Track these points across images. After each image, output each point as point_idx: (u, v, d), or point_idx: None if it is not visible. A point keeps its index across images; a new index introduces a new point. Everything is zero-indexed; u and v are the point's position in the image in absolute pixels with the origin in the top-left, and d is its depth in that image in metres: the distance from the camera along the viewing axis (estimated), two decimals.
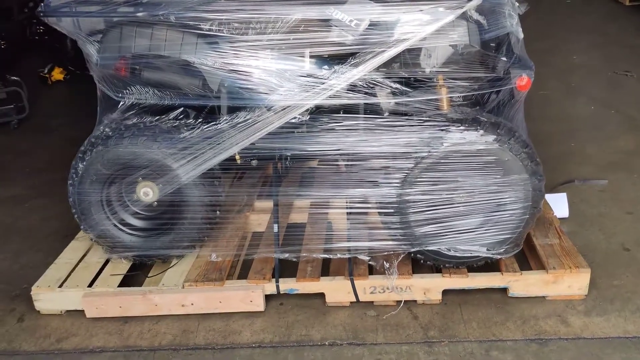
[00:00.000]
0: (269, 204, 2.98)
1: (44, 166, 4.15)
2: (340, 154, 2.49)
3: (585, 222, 3.04)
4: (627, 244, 2.86)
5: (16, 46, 6.11)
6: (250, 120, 2.43)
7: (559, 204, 3.00)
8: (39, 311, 2.63)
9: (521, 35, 2.52)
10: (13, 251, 3.18)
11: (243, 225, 2.94)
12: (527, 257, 2.68)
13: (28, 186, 3.89)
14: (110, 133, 2.51)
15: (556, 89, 4.56)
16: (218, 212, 2.65)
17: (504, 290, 2.53)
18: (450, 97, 2.46)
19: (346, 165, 2.55)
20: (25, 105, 4.81)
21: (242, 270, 2.72)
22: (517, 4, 2.49)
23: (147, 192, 2.59)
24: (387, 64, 2.40)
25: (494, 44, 2.55)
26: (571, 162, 3.61)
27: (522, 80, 2.42)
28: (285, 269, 2.63)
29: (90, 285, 2.62)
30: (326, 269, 2.64)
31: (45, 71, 5.90)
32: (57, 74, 5.94)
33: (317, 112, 2.51)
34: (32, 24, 6.14)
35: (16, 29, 6.04)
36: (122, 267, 2.73)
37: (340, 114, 2.50)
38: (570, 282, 2.47)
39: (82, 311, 2.58)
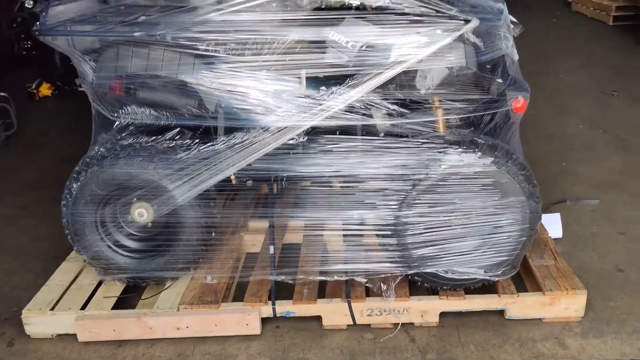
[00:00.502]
0: (262, 224, 2.97)
1: (33, 184, 4.10)
2: (337, 176, 2.48)
3: (578, 243, 3.06)
4: (621, 265, 2.87)
5: (4, 62, 6.06)
6: (247, 141, 2.42)
7: (552, 225, 3.01)
8: (29, 335, 2.58)
9: (516, 57, 2.55)
10: (3, 272, 3.12)
11: (237, 246, 2.91)
12: (522, 278, 2.68)
13: (17, 205, 3.83)
14: (105, 153, 2.48)
15: (545, 108, 4.61)
16: (213, 233, 2.63)
17: (501, 312, 2.53)
18: (447, 118, 2.48)
19: (342, 186, 2.54)
20: (14, 122, 4.76)
21: (237, 292, 2.69)
22: (512, 26, 2.52)
23: (142, 213, 2.55)
24: (383, 85, 2.40)
25: (489, 66, 2.58)
26: (563, 181, 3.63)
27: (518, 102, 2.44)
28: (281, 290, 2.61)
29: (83, 307, 2.57)
30: (322, 290, 2.62)
31: (33, 87, 5.85)
32: (45, 90, 5.90)
33: (313, 133, 2.51)
34: (20, 40, 6.09)
35: (4, 44, 5.99)
36: (115, 289, 2.69)
37: (336, 135, 2.51)
38: (566, 304, 2.47)
39: (74, 335, 2.53)
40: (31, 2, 5.88)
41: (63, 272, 2.83)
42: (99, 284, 2.73)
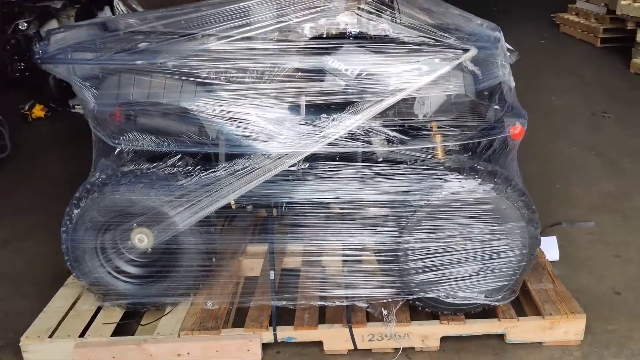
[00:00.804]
0: (261, 248, 2.97)
1: (26, 207, 4.08)
2: (337, 202, 2.50)
3: (575, 266, 3.08)
4: (618, 288, 2.90)
5: None
6: (248, 168, 2.44)
7: (549, 247, 3.04)
8: None
9: (513, 84, 2.60)
10: None
11: (236, 271, 2.91)
12: (521, 302, 2.69)
13: (11, 228, 3.81)
14: (106, 180, 2.48)
15: (537, 130, 4.65)
16: (214, 258, 2.63)
17: (501, 336, 2.54)
18: (445, 145, 2.51)
19: (342, 212, 2.56)
20: (7, 144, 4.73)
21: (237, 317, 2.68)
22: (508, 54, 2.56)
23: (142, 239, 2.55)
24: (383, 112, 2.43)
25: (487, 93, 2.62)
26: (558, 204, 3.67)
27: (516, 129, 2.48)
28: (281, 315, 2.61)
29: (82, 334, 2.56)
30: (322, 314, 2.62)
31: (26, 108, 5.85)
32: (38, 111, 5.90)
33: (313, 159, 2.52)
34: (14, 61, 6.09)
35: None
36: (114, 314, 2.67)
37: (336, 161, 2.53)
38: (566, 328, 2.49)
39: None
40: (25, 25, 5.89)
41: (61, 298, 2.81)
42: (98, 309, 2.71)
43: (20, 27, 5.84)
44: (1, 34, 5.88)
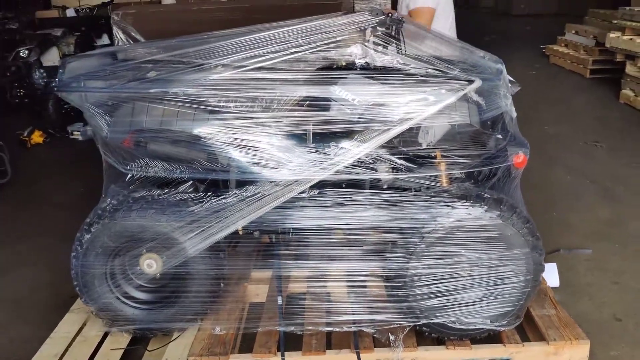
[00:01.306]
0: (265, 274, 3.00)
1: (27, 232, 4.09)
2: (346, 228, 2.54)
3: (575, 292, 3.14)
4: (618, 314, 2.95)
5: None
6: (258, 194, 2.48)
7: (549, 274, 3.09)
8: None
9: (515, 115, 2.68)
10: (0, 323, 3.08)
11: (242, 297, 2.93)
12: (524, 328, 2.73)
13: (11, 253, 3.81)
14: (118, 205, 2.51)
15: (532, 159, 4.73)
16: (222, 284, 2.66)
17: None
18: (450, 173, 2.58)
19: (348, 237, 2.60)
20: (8, 169, 4.76)
21: (243, 342, 2.69)
22: (510, 85, 2.65)
23: (151, 264, 2.57)
24: (388, 140, 2.49)
25: (490, 123, 2.69)
26: (555, 231, 3.73)
27: (519, 158, 2.55)
28: (289, 341, 2.62)
29: None
30: (329, 339, 2.64)
31: (25, 134, 5.89)
32: (37, 137, 5.94)
33: (320, 186, 2.57)
34: (13, 87, 6.15)
35: None
36: (122, 340, 2.68)
37: (342, 187, 2.58)
38: (570, 354, 2.53)
39: None
40: (26, 52, 5.97)
41: (67, 323, 2.81)
42: (105, 335, 2.72)
43: (21, 54, 5.93)
44: (2, 60, 5.94)
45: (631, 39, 6.24)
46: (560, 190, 4.40)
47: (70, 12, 7.82)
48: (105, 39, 7.13)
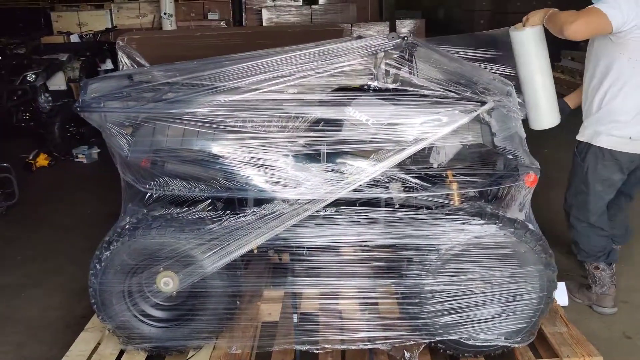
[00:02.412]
0: (278, 293, 3.02)
1: (36, 254, 4.11)
2: (360, 245, 2.59)
3: (584, 311, 3.18)
4: (628, 332, 2.99)
5: (2, 132, 6.16)
6: (276, 213, 2.52)
7: (559, 293, 3.10)
8: None
9: (524, 135, 2.75)
10: (14, 343, 3.09)
11: (255, 316, 2.95)
12: (536, 345, 2.76)
13: (22, 275, 3.82)
14: (137, 223, 2.55)
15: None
16: (238, 302, 2.68)
17: None
18: (465, 191, 2.63)
19: (363, 255, 2.65)
20: (15, 191, 4.78)
21: None
22: (519, 107, 2.72)
23: (168, 282, 2.60)
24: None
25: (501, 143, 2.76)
26: (560, 251, 3.77)
27: (530, 177, 2.61)
28: (304, 359, 2.64)
29: None
30: (343, 356, 2.66)
31: (30, 157, 5.93)
32: (42, 160, 5.98)
33: (335, 204, 2.62)
34: (19, 111, 6.21)
35: (3, 115, 6.09)
36: (137, 358, 2.69)
37: (356, 205, 2.63)
38: None
39: None
40: (33, 76, 6.04)
41: (83, 342, 2.82)
42: (121, 353, 2.73)
43: (28, 78, 5.98)
44: (9, 84, 6.00)
45: None
46: (562, 213, 4.44)
47: (74, 38, 7.94)
48: (109, 64, 7.23)
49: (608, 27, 2.74)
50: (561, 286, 3.17)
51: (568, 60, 8.28)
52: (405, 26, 8.69)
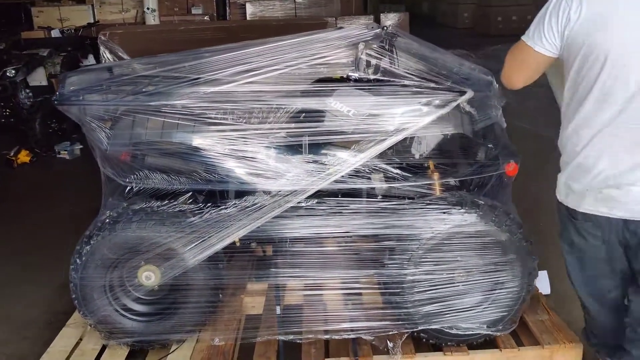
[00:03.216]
0: (261, 286, 3.02)
1: (19, 250, 4.07)
2: (343, 236, 2.59)
3: (565, 299, 3.19)
4: None
5: None
6: (257, 205, 2.52)
7: (541, 281, 3.14)
8: None
9: (504, 125, 2.76)
10: None
11: (238, 308, 2.94)
12: (518, 333, 2.78)
13: (3, 272, 3.78)
14: (118, 217, 2.53)
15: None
16: (221, 295, 2.68)
17: None
18: (444, 181, 2.64)
19: (346, 246, 2.65)
20: None
21: (240, 353, 2.70)
22: (499, 97, 2.73)
23: (149, 276, 2.58)
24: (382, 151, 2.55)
25: (481, 133, 2.77)
26: (542, 240, 3.78)
27: (510, 166, 2.62)
28: (287, 350, 2.64)
29: None
30: (327, 347, 2.67)
31: (12, 154, 5.86)
32: (24, 157, 5.92)
33: (317, 195, 2.62)
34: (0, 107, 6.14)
35: None
36: (120, 353, 2.68)
37: (338, 197, 2.63)
38: (564, 357, 2.60)
39: None
40: (13, 72, 5.97)
41: (64, 337, 2.80)
42: (103, 348, 2.71)
43: (8, 74, 5.91)
44: None
45: None
46: (544, 202, 4.44)
47: (55, 33, 7.84)
48: (91, 59, 7.15)
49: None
50: (542, 274, 3.19)
51: None
52: (389, 19, 8.69)
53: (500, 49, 2.53)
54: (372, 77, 2.65)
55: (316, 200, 2.54)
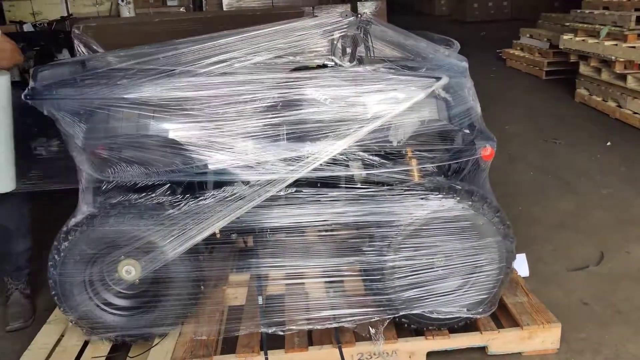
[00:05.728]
0: (243, 277, 3.02)
1: None
2: (323, 225, 2.60)
3: (543, 280, 3.25)
4: (585, 299, 3.07)
5: None
6: (236, 195, 2.51)
7: (520, 264, 3.19)
8: None
9: (479, 110, 2.78)
10: None
11: (221, 300, 2.95)
12: (498, 316, 2.82)
13: None
14: (95, 212, 2.51)
15: (496, 157, 4.88)
16: (202, 286, 2.67)
17: (483, 348, 2.66)
18: (423, 167, 2.66)
19: (326, 234, 2.66)
20: None
21: (226, 344, 2.70)
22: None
23: (130, 270, 2.57)
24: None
25: (457, 119, 2.79)
26: (522, 225, 3.85)
27: (487, 151, 2.64)
28: (271, 339, 2.65)
29: None
30: (311, 335, 2.68)
31: None
32: None
33: (296, 184, 2.62)
34: None
35: None
36: (102, 348, 2.67)
37: (317, 185, 2.63)
38: (543, 337, 2.63)
39: None
40: None
41: (45, 334, 2.78)
42: (85, 344, 2.70)
43: None
44: None
45: (583, 40, 6.48)
46: (524, 186, 4.55)
47: (27, 27, 7.67)
48: (66, 54, 7.02)
49: None
50: (521, 257, 3.24)
51: (527, 37, 8.39)
52: (366, 7, 8.66)
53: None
54: (347, 64, 2.66)
55: (295, 189, 2.54)
